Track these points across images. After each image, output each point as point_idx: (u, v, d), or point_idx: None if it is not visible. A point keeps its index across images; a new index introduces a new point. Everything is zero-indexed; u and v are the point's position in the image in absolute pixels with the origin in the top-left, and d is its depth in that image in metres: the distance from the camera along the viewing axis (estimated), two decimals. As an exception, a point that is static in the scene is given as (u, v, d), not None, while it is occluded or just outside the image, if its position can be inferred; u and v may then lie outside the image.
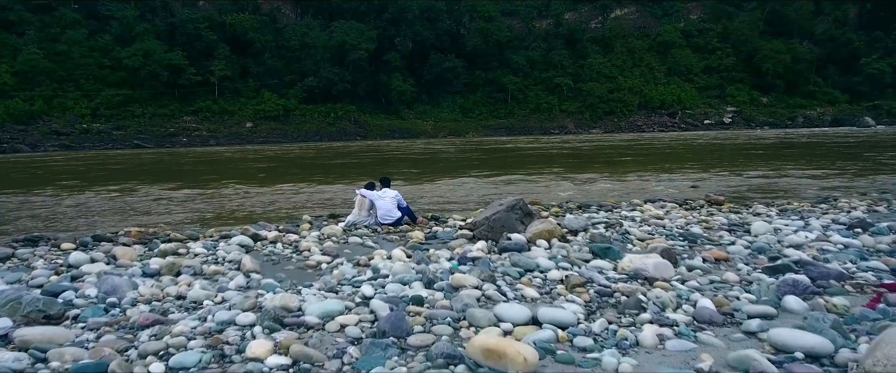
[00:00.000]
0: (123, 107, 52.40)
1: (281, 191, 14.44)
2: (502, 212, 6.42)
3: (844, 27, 67.90)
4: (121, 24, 55.43)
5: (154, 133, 51.02)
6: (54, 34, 54.23)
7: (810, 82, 64.82)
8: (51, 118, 50.00)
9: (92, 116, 51.05)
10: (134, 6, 57.49)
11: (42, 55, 52.03)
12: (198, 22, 55.95)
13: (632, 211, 8.72)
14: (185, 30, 55.22)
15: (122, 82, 53.60)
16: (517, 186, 14.20)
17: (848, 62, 65.50)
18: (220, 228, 9.21)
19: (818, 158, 21.18)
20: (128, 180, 18.25)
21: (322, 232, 7.81)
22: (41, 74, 51.52)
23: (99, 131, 49.86)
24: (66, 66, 52.94)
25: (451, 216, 9.28)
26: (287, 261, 6.15)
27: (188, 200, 13.10)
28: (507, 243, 5.83)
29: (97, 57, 54.33)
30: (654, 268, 4.29)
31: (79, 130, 49.57)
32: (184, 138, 51.37)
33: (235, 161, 28.89)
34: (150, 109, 52.88)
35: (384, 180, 8.75)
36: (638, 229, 6.63)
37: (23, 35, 53.40)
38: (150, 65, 52.08)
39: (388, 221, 8.30)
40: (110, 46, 54.68)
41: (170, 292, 4.59)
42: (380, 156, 30.44)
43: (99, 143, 48.19)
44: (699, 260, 5.01)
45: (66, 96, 51.65)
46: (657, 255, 4.57)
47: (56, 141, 47.84)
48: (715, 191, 12.18)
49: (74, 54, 53.49)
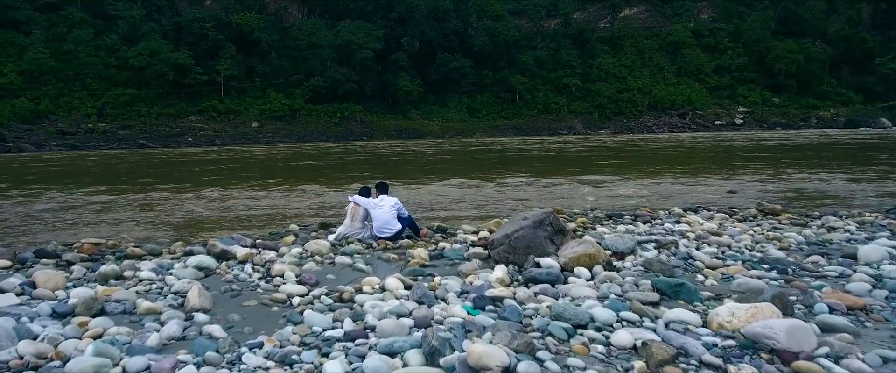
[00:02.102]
0: (129, 106, 51.36)
1: (277, 193, 13.05)
2: (527, 228, 4.97)
3: (858, 27, 65.78)
4: (127, 23, 54.33)
5: (159, 133, 49.94)
6: (61, 33, 53.22)
7: (823, 83, 62.74)
8: (57, 118, 49.03)
9: (98, 115, 50.02)
10: (140, 6, 56.44)
11: (48, 54, 51.03)
12: (204, 21, 54.76)
13: (676, 223, 7.23)
14: (192, 29, 54.05)
15: (128, 82, 52.54)
16: (530, 191, 12.72)
17: (862, 62, 63.40)
18: (192, 240, 7.82)
19: (849, 160, 19.55)
20: (121, 181, 16.94)
21: (306, 248, 6.40)
22: (47, 74, 50.53)
23: (104, 131, 48.82)
24: (72, 66, 51.94)
25: (461, 227, 7.84)
26: (252, 291, 4.74)
27: (173, 204, 11.72)
28: (535, 273, 4.38)
29: (103, 56, 53.28)
30: (788, 335, 2.67)
31: (84, 129, 48.55)
32: (189, 138, 50.25)
33: (235, 161, 27.57)
34: (156, 109, 51.80)
35: (381, 186, 7.30)
36: (702, 252, 5.12)
37: (29, 34, 52.44)
38: (156, 64, 50.97)
39: (386, 235, 6.87)
40: (116, 46, 53.61)
41: (64, 350, 3.18)
42: (384, 156, 29.03)
43: (104, 142, 47.16)
44: (824, 308, 3.44)
45: (71, 96, 50.65)
46: (770, 305, 3.06)
47: (61, 140, 46.83)
48: (757, 197, 10.66)
49: (80, 54, 52.46)
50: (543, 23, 66.06)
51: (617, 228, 7.16)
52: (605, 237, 5.67)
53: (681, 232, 6.55)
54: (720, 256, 4.94)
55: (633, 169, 18.19)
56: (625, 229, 6.97)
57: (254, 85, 55.88)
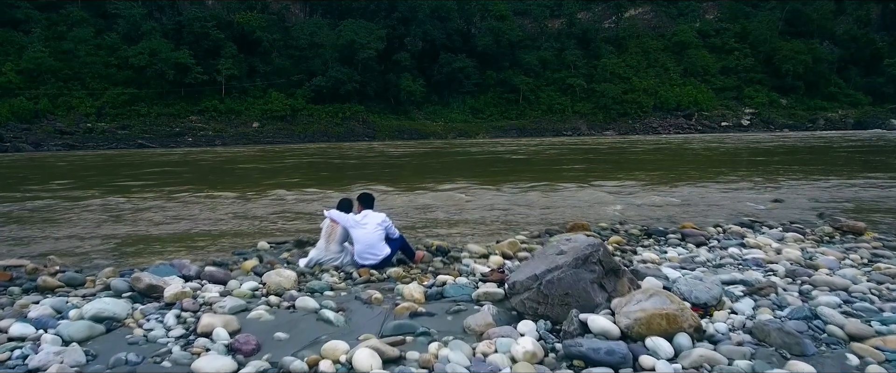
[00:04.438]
0: (129, 106, 49.92)
1: (261, 199, 11.43)
2: (566, 269, 3.34)
3: (867, 27, 63.84)
4: (128, 22, 52.84)
5: (159, 133, 48.47)
6: (61, 32, 51.78)
7: (831, 84, 60.86)
8: (55, 117, 47.63)
9: (97, 115, 48.59)
10: (141, 5, 55.00)
11: (48, 53, 49.63)
12: (205, 20, 53.22)
13: (741, 246, 5.58)
14: (193, 28, 52.51)
15: (128, 81, 51.08)
16: (541, 197, 11.07)
17: (870, 63, 61.52)
18: (131, 263, 6.22)
19: (882, 162, 17.85)
20: (91, 182, 15.36)
21: (264, 281, 4.78)
22: (46, 73, 49.13)
23: (103, 131, 47.39)
24: (71, 65, 50.52)
25: (466, 247, 6.21)
26: (156, 364, 3.12)
27: (138, 211, 10.11)
28: (585, 348, 2.75)
29: (103, 55, 51.82)
30: None
31: (83, 129, 47.13)
32: (189, 138, 48.77)
33: (233, 161, 25.98)
34: (156, 109, 50.35)
35: (365, 199, 5.62)
36: (820, 300, 3.45)
37: (29, 33, 51.07)
38: (157, 64, 49.49)
39: (370, 262, 5.23)
40: (117, 45, 52.14)
41: None
42: (382, 156, 27.39)
43: (103, 142, 45.75)
44: None
45: (71, 95, 49.22)
46: None
47: (59, 140, 45.41)
48: (810, 207, 9.01)
49: (80, 53, 51.00)
50: (547, 23, 64.34)
51: (666, 252, 5.51)
52: (672, 279, 4.02)
53: (755, 260, 4.90)
54: (851, 311, 3.29)
55: (651, 172, 16.52)
56: (678, 254, 5.33)
57: (255, 85, 54.37)
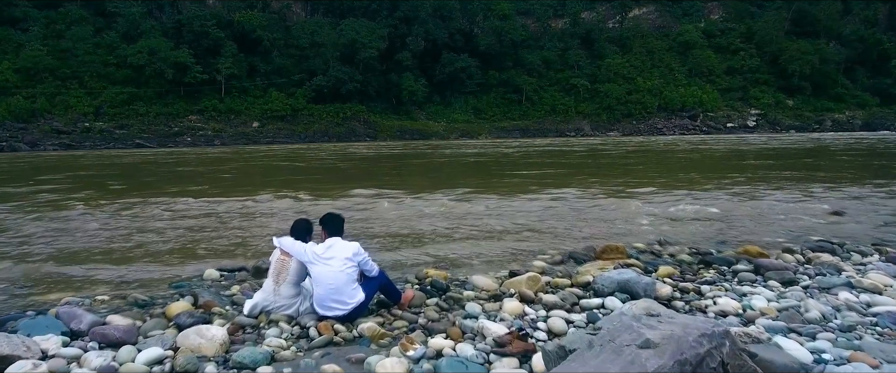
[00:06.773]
0: (127, 105, 48.47)
1: (233, 205, 9.84)
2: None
3: (874, 28, 62.03)
4: (127, 21, 51.41)
5: (158, 132, 47.02)
6: (59, 31, 50.32)
7: (838, 84, 59.07)
8: (53, 116, 46.20)
9: (95, 114, 47.15)
10: (141, 3, 53.53)
11: (46, 52, 48.20)
12: (205, 19, 51.75)
13: (850, 286, 3.99)
14: (192, 27, 51.04)
15: (126, 80, 49.60)
16: (555, 208, 9.47)
17: (878, 64, 59.77)
18: (22, 304, 4.66)
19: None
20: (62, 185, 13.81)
21: (177, 345, 3.21)
22: (44, 71, 47.72)
23: (101, 130, 45.95)
24: (70, 64, 49.06)
25: (472, 282, 4.63)
26: None
27: (86, 219, 8.51)
28: None
29: (102, 54, 50.37)
30: None
31: (80, 128, 45.70)
32: (188, 138, 47.28)
33: (229, 161, 24.44)
34: (155, 108, 48.88)
35: (331, 222, 3.89)
36: None
37: (27, 31, 49.67)
38: (156, 63, 48.02)
39: (336, 313, 3.57)
40: (116, 44, 50.67)
41: None
42: (380, 156, 25.80)
43: (100, 142, 44.32)
44: None
45: (69, 94, 47.78)
46: None
47: (56, 140, 43.97)
48: (877, 222, 7.40)
49: (79, 51, 49.54)
50: (551, 22, 62.68)
51: (745, 296, 3.91)
52: (808, 367, 2.43)
53: (892, 315, 3.31)
54: None
55: (670, 176, 14.92)
56: (769, 301, 3.73)
57: (255, 84, 52.87)
